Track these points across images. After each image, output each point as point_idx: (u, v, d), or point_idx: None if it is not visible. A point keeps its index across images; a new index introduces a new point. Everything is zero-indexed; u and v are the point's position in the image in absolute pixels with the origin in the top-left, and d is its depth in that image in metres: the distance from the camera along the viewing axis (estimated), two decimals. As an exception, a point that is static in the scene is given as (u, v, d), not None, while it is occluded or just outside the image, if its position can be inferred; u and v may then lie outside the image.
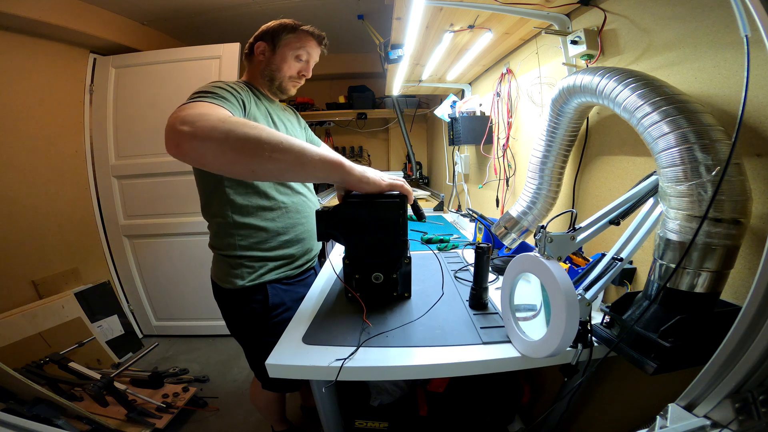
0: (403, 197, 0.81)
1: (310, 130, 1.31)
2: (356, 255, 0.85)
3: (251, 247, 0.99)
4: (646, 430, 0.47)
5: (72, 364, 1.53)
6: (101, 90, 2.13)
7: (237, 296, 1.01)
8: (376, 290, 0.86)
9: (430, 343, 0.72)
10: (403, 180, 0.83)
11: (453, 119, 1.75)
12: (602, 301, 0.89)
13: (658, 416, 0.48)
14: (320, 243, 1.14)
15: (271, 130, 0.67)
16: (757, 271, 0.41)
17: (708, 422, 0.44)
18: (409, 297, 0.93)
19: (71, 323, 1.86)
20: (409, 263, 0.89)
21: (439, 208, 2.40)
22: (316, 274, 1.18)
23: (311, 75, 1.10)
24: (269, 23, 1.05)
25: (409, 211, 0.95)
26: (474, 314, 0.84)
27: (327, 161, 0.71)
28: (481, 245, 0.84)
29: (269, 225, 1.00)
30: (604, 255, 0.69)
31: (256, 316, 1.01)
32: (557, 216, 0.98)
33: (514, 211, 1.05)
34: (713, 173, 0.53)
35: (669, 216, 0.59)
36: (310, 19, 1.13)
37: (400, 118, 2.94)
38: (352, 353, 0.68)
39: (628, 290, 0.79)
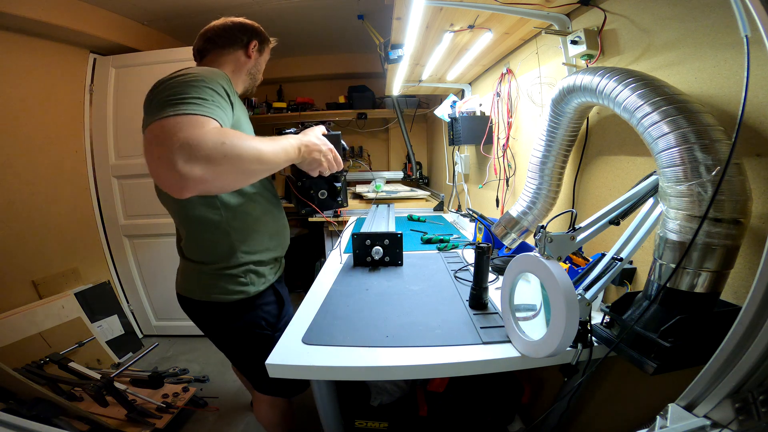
0: (338, 134, 0.96)
1: None
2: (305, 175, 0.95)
3: (254, 249, 0.91)
4: (646, 430, 0.47)
5: (72, 364, 1.53)
6: (101, 90, 2.13)
7: (246, 306, 0.91)
8: (323, 203, 1.02)
9: (430, 343, 0.72)
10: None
11: (453, 119, 1.74)
12: (602, 301, 0.89)
13: (658, 416, 0.48)
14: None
15: (260, 142, 0.69)
16: (757, 271, 0.41)
17: (708, 422, 0.44)
18: (401, 265, 1.18)
19: (71, 323, 1.86)
20: (346, 177, 1.04)
21: (439, 208, 2.40)
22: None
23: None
24: (252, 23, 1.05)
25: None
26: (474, 314, 0.84)
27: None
28: (481, 245, 0.84)
29: (257, 213, 0.92)
30: (604, 255, 0.69)
31: (272, 318, 0.96)
32: (557, 216, 0.98)
33: (514, 211, 1.05)
34: (713, 173, 0.53)
35: (669, 216, 0.59)
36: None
37: (400, 118, 2.94)
38: (352, 353, 0.68)
39: (628, 290, 0.78)
